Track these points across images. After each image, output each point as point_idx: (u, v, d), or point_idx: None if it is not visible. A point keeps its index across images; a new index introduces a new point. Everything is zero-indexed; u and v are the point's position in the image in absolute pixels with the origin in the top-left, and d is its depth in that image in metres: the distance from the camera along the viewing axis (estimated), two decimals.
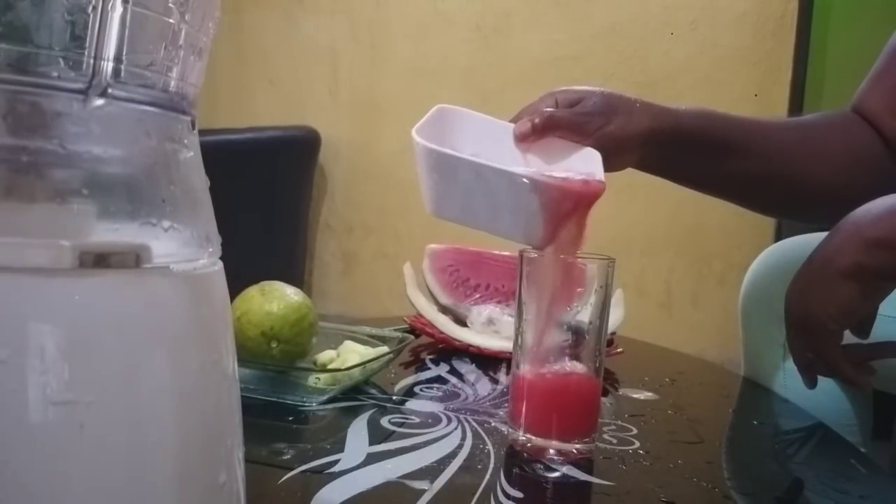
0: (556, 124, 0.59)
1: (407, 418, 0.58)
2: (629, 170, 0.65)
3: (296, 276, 1.95)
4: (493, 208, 0.53)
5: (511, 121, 0.63)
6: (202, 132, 0.25)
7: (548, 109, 0.60)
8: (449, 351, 0.84)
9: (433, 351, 0.85)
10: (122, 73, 0.21)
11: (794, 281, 0.55)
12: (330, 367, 0.66)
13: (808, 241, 0.61)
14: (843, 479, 0.53)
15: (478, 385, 0.70)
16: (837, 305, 0.51)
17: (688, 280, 1.75)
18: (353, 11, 2.01)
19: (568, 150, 0.59)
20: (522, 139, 0.60)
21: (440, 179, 0.54)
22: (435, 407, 0.62)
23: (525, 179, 0.50)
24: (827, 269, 0.52)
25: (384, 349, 0.69)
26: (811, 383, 0.59)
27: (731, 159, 0.64)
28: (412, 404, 0.62)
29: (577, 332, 0.52)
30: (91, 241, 0.21)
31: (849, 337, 0.55)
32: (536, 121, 0.59)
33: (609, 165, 0.59)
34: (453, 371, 0.76)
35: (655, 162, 0.64)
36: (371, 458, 0.49)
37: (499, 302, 0.90)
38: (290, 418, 0.57)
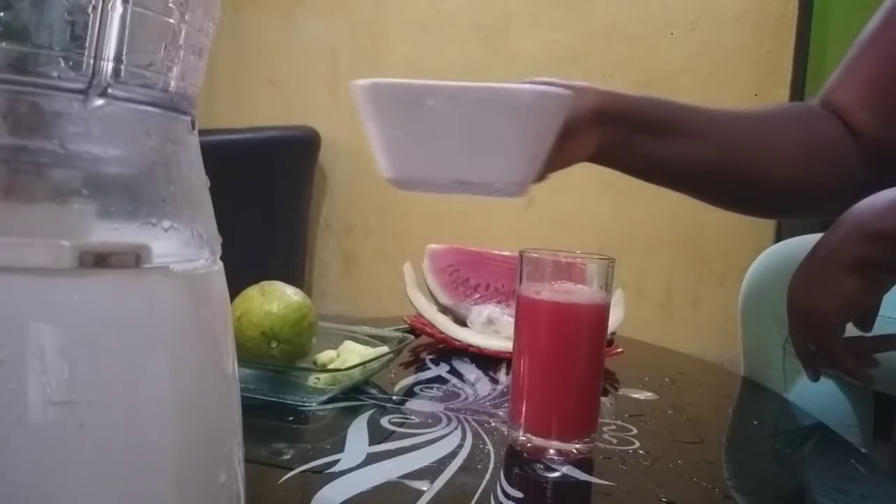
0: None
1: (407, 418, 0.58)
2: None
3: (296, 276, 1.95)
4: (469, 145, 0.47)
5: None
6: (202, 132, 0.25)
7: None
8: (449, 351, 0.84)
9: (433, 351, 0.85)
10: (122, 73, 0.21)
11: (796, 274, 0.55)
12: (330, 367, 0.66)
13: (807, 242, 0.61)
14: (843, 479, 0.53)
15: (478, 385, 0.70)
16: (840, 298, 0.51)
17: (688, 280, 1.75)
18: (353, 11, 2.01)
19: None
20: None
21: (402, 124, 0.48)
22: (435, 407, 0.62)
23: (517, 93, 0.46)
24: (829, 262, 0.52)
25: (384, 349, 0.69)
26: (814, 376, 0.59)
27: (685, 144, 0.62)
28: (412, 404, 0.62)
29: None
30: (91, 241, 0.21)
31: (851, 329, 0.55)
32: None
33: (566, 154, 0.57)
34: (453, 371, 0.76)
35: (611, 150, 0.61)
36: (371, 458, 0.49)
37: (499, 302, 0.90)
38: (290, 418, 0.57)
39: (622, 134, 0.60)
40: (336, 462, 0.48)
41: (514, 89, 0.47)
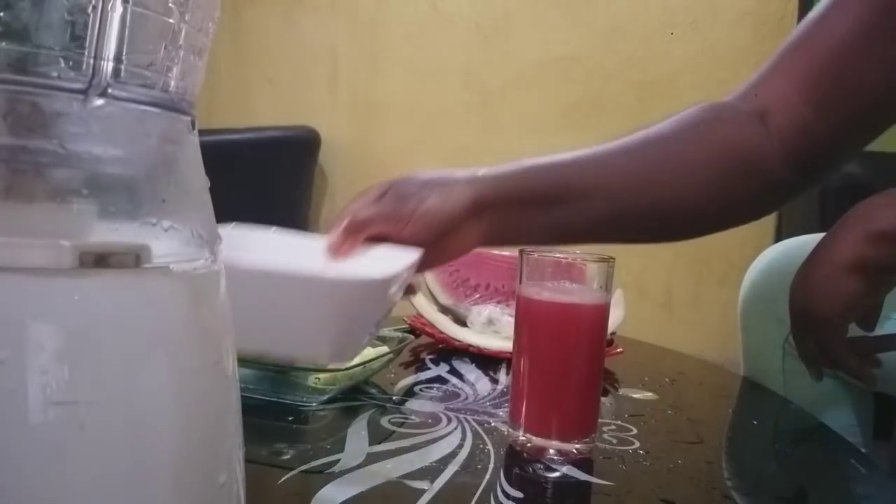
0: (365, 222, 0.54)
1: (407, 418, 0.58)
2: None
3: None
4: (274, 323, 0.44)
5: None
6: (202, 132, 0.25)
7: (355, 208, 0.56)
8: (449, 351, 0.84)
9: (433, 351, 0.85)
10: (122, 73, 0.21)
11: (798, 274, 0.55)
12: (330, 367, 0.66)
13: (807, 242, 0.61)
14: (843, 479, 0.53)
15: (478, 385, 0.70)
16: (842, 299, 0.51)
17: (688, 280, 1.75)
18: (353, 11, 2.01)
19: (387, 256, 0.51)
20: (336, 251, 0.53)
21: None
22: (435, 407, 0.62)
23: (316, 282, 0.43)
24: (831, 263, 0.52)
25: (384, 349, 0.69)
26: (817, 376, 0.59)
27: (579, 205, 0.58)
28: (412, 404, 0.62)
29: None
30: (91, 241, 0.21)
31: (853, 329, 0.55)
32: (344, 225, 0.53)
33: (448, 249, 0.56)
34: (453, 371, 0.76)
35: (499, 234, 0.58)
36: (371, 458, 0.49)
37: (499, 302, 0.90)
38: (290, 418, 0.57)
39: (507, 218, 0.57)
40: (336, 462, 0.48)
41: (312, 279, 0.44)
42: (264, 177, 1.84)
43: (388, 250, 0.52)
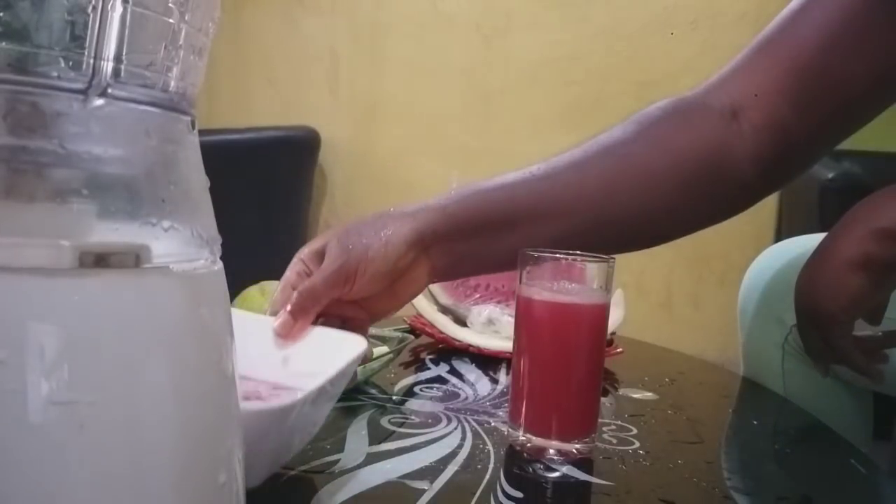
0: (312, 295, 0.50)
1: (407, 418, 0.58)
2: None
3: None
4: None
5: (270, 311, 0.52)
6: (202, 132, 0.25)
7: (295, 281, 0.53)
8: (449, 351, 0.84)
9: (433, 351, 0.85)
10: (122, 73, 0.21)
11: (802, 272, 0.55)
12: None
13: (807, 242, 0.61)
14: (843, 479, 0.53)
15: (478, 385, 0.70)
16: (847, 296, 0.51)
17: (688, 280, 1.76)
18: (353, 11, 2.01)
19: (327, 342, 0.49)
20: (286, 333, 0.49)
21: None
22: (435, 407, 0.62)
23: None
24: (835, 260, 0.52)
25: (384, 349, 0.69)
26: (824, 372, 0.59)
27: (530, 229, 0.55)
28: (412, 404, 0.62)
29: None
30: (91, 241, 0.21)
31: (860, 325, 0.55)
32: (291, 306, 0.49)
33: (399, 293, 0.54)
34: (453, 371, 0.76)
35: (451, 267, 0.56)
36: (371, 458, 0.49)
37: (499, 302, 0.90)
38: None
39: (453, 250, 0.55)
40: (336, 462, 0.48)
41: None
42: (264, 177, 1.84)
43: (331, 340, 0.48)
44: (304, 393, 0.39)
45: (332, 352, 0.44)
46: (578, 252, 0.54)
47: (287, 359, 0.46)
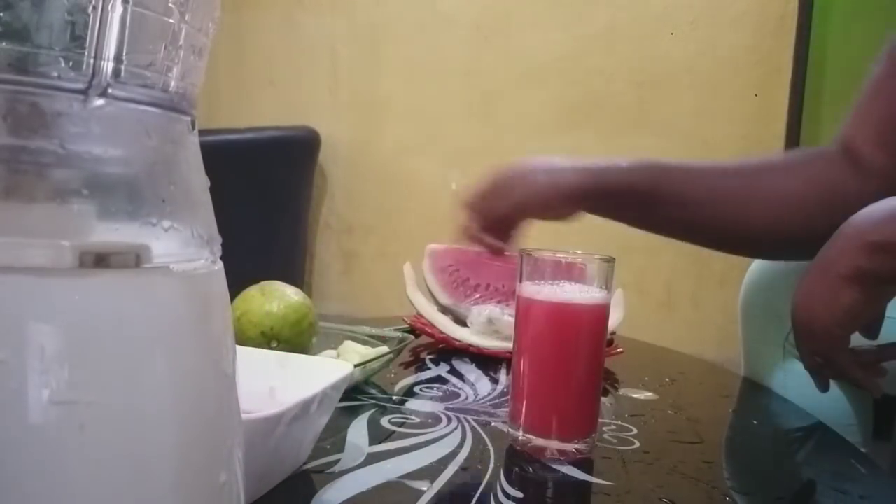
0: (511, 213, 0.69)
1: (407, 418, 0.58)
2: None
3: (296, 276, 1.95)
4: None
5: None
6: (202, 132, 0.25)
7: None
8: (449, 351, 0.84)
9: (433, 351, 0.85)
10: (122, 73, 0.21)
11: (798, 287, 0.55)
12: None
13: None
14: (843, 479, 0.53)
15: (478, 385, 0.70)
16: (842, 310, 0.51)
17: (688, 280, 1.75)
18: (353, 11, 2.01)
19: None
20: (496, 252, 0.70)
21: None
22: (435, 407, 0.62)
23: None
24: (829, 275, 0.52)
25: (384, 349, 0.69)
26: (823, 387, 0.59)
27: (668, 210, 0.66)
28: (412, 404, 0.62)
29: None
30: (91, 241, 0.20)
31: (857, 339, 0.55)
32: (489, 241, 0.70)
33: (549, 215, 0.67)
34: (453, 371, 0.76)
35: (594, 213, 0.69)
36: (371, 458, 0.49)
37: (499, 302, 0.90)
38: None
39: (603, 209, 0.67)
40: (336, 462, 0.48)
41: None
42: (264, 177, 1.84)
43: (317, 369, 0.49)
44: (285, 406, 0.39)
45: (319, 380, 0.44)
46: (579, 252, 0.54)
47: (273, 390, 0.46)
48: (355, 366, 0.63)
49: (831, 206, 0.61)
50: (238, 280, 0.41)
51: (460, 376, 0.73)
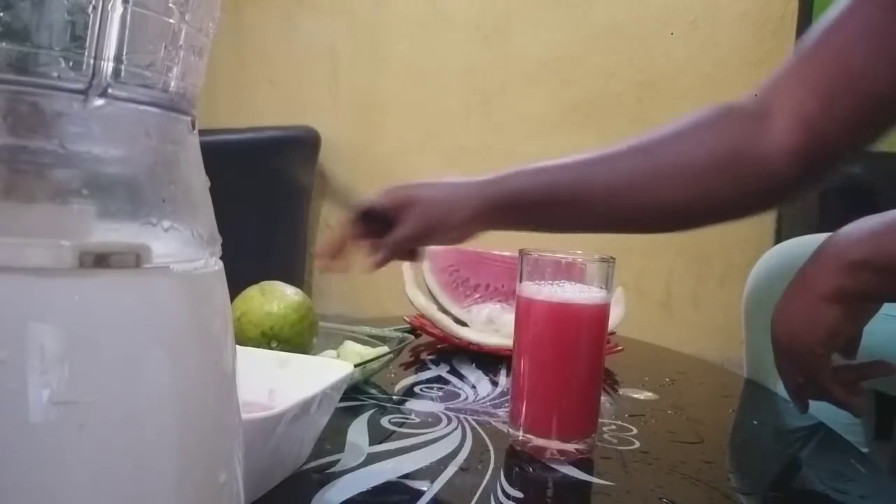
0: (397, 248, 0.68)
1: (407, 418, 0.58)
2: None
3: (296, 276, 1.95)
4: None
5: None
6: (202, 132, 0.25)
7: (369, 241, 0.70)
8: (449, 351, 0.84)
9: (433, 351, 0.85)
10: (122, 73, 0.21)
11: (778, 306, 0.55)
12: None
13: (811, 241, 0.61)
14: (843, 479, 0.53)
15: (478, 385, 0.70)
16: (823, 329, 0.51)
17: (688, 280, 1.76)
18: (353, 11, 2.01)
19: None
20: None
21: None
22: (435, 407, 0.62)
23: None
24: (811, 294, 0.52)
25: (384, 349, 0.69)
26: (803, 408, 0.59)
27: (567, 210, 0.64)
28: (412, 404, 0.62)
29: None
30: (91, 241, 0.20)
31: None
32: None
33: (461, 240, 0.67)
34: (453, 371, 0.76)
35: (496, 227, 0.68)
36: (371, 458, 0.49)
37: (499, 301, 0.90)
38: None
39: (503, 220, 0.66)
40: (336, 462, 0.48)
41: None
42: (264, 177, 1.84)
43: (316, 369, 0.49)
44: (285, 406, 0.40)
45: (317, 380, 0.44)
46: (579, 252, 0.54)
47: (273, 390, 0.46)
48: (355, 366, 0.63)
49: (741, 170, 0.60)
50: (238, 280, 0.41)
51: (460, 376, 0.73)
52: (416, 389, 0.68)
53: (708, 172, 0.61)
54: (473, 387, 0.70)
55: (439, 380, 0.72)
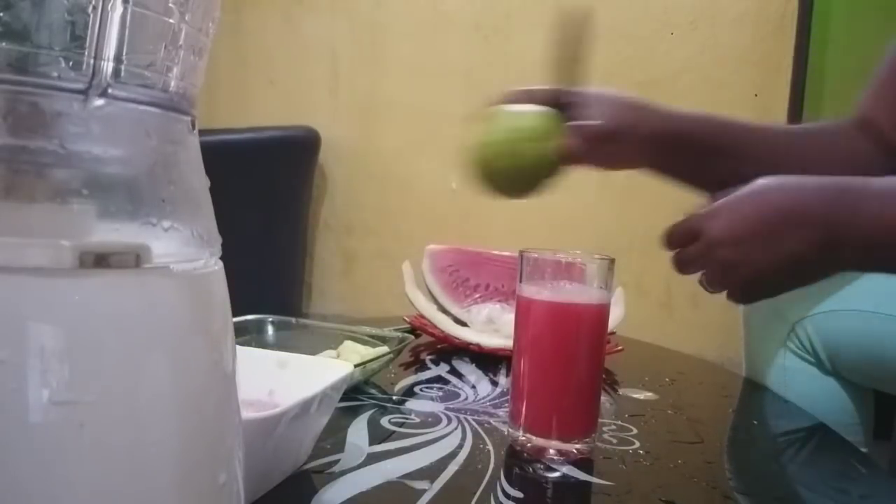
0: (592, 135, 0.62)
1: (407, 418, 0.58)
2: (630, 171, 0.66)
3: (296, 276, 1.95)
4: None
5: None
6: (202, 132, 0.25)
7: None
8: (449, 351, 0.84)
9: (433, 351, 0.85)
10: (122, 73, 0.21)
11: (739, 202, 0.54)
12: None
13: None
14: (843, 479, 0.53)
15: (478, 385, 0.70)
16: (788, 256, 0.50)
17: (688, 280, 1.75)
18: (353, 11, 2.01)
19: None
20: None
21: None
22: (435, 407, 0.62)
23: None
24: (801, 227, 0.51)
25: (384, 349, 0.69)
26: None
27: (725, 162, 0.64)
28: (412, 404, 0.62)
29: None
30: (91, 241, 0.20)
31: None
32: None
33: (613, 159, 0.63)
34: (453, 371, 0.76)
35: (657, 168, 0.66)
36: (371, 458, 0.49)
37: (499, 301, 0.90)
38: None
39: (670, 160, 0.65)
40: (336, 462, 0.48)
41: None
42: (264, 177, 1.84)
43: (316, 369, 0.48)
44: (285, 406, 0.40)
45: (317, 380, 0.44)
46: (579, 252, 0.54)
47: (273, 391, 0.46)
48: (355, 366, 0.63)
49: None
50: (238, 280, 0.41)
51: (460, 376, 0.73)
52: (416, 389, 0.68)
53: (846, 170, 0.61)
54: (473, 387, 0.70)
55: (439, 380, 0.72)
